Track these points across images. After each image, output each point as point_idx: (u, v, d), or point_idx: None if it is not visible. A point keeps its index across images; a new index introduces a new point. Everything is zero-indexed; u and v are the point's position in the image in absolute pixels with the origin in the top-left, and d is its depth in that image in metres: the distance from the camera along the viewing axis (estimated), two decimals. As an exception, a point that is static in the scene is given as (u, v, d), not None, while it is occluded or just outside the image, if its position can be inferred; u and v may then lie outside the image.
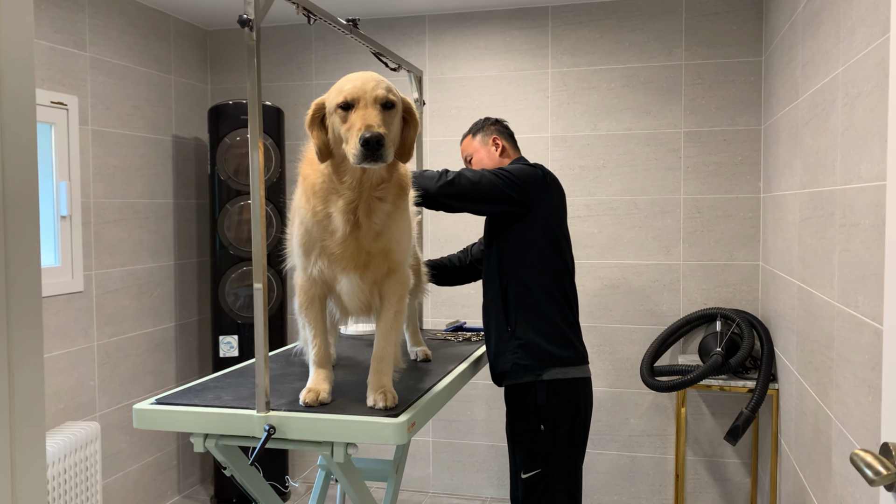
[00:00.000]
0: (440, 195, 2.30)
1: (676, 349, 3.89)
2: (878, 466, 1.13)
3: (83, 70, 3.53)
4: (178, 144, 4.23)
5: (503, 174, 2.37)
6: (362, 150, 1.64)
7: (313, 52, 4.35)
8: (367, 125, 1.66)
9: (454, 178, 2.31)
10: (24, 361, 0.62)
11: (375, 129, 1.65)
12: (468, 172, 2.34)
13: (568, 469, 2.42)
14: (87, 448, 3.21)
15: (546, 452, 2.40)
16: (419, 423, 1.85)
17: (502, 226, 2.47)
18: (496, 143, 2.66)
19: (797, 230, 2.80)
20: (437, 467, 4.26)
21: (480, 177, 2.33)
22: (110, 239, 3.70)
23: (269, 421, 1.76)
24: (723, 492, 3.88)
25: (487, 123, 2.71)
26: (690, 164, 3.85)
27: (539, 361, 2.41)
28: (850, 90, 2.08)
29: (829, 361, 2.29)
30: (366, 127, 1.66)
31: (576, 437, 2.44)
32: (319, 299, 1.93)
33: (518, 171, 2.41)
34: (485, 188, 2.32)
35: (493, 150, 2.65)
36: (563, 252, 2.48)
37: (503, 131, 2.71)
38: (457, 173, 2.33)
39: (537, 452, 2.40)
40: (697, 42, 3.82)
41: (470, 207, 2.39)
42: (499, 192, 2.34)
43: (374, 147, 1.64)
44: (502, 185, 2.35)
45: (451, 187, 2.30)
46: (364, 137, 1.64)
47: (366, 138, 1.64)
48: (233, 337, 4.05)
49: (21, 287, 0.63)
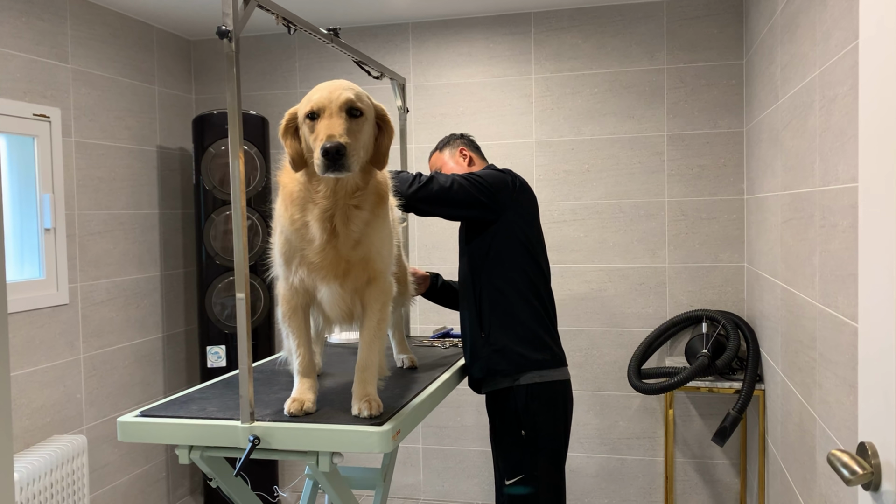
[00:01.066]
0: (413, 199, 2.32)
1: (663, 352, 3.91)
2: (854, 466, 1.14)
3: (66, 82, 3.52)
4: (162, 155, 4.22)
5: (474, 178, 2.40)
6: (324, 161, 1.64)
7: (297, 60, 4.35)
8: (329, 135, 1.66)
9: (426, 183, 2.33)
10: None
11: (336, 139, 1.64)
12: (441, 177, 2.36)
13: (551, 472, 2.42)
14: (74, 462, 3.20)
15: (529, 457, 2.40)
16: (405, 431, 1.85)
17: (475, 231, 2.49)
18: (464, 155, 2.73)
19: (779, 231, 2.82)
20: (427, 474, 4.26)
21: (452, 181, 2.36)
22: (95, 251, 3.69)
23: (254, 431, 1.76)
24: (712, 493, 3.89)
25: (454, 138, 2.78)
26: (674, 168, 3.88)
27: (515, 366, 2.42)
28: (826, 93, 2.10)
29: (812, 361, 2.30)
30: (327, 137, 1.65)
31: (557, 440, 2.45)
32: (302, 308, 1.92)
33: (488, 175, 2.44)
34: (456, 193, 2.35)
35: (462, 160, 2.72)
36: (536, 256, 2.50)
37: (470, 143, 2.78)
38: (429, 177, 2.35)
39: (520, 458, 2.41)
40: (679, 46, 3.85)
41: (441, 212, 2.40)
42: (469, 197, 2.37)
43: (334, 157, 1.63)
44: (473, 189, 2.37)
45: (423, 191, 2.32)
46: (324, 148, 1.63)
47: (326, 148, 1.63)
48: (220, 347, 4.04)
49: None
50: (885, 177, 1.13)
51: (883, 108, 1.14)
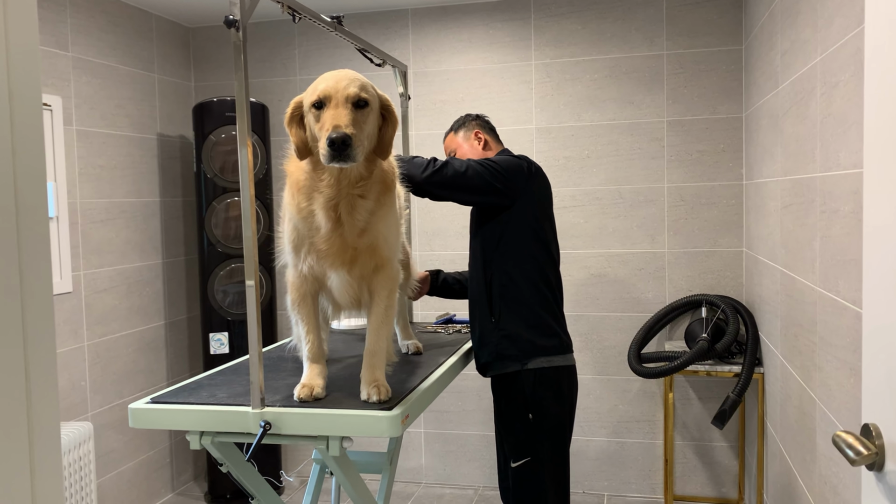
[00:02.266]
0: (426, 183, 2.32)
1: (663, 336, 3.94)
2: (859, 447, 1.17)
3: (66, 70, 3.52)
4: (163, 143, 4.22)
5: (489, 164, 2.39)
6: (329, 151, 1.66)
7: (297, 47, 4.35)
8: (335, 125, 1.67)
9: (441, 167, 2.32)
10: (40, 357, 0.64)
11: (342, 130, 1.66)
12: (455, 162, 2.36)
13: (556, 456, 2.46)
14: (80, 448, 3.23)
15: (534, 441, 2.43)
16: (413, 416, 1.87)
17: (487, 217, 2.49)
18: (478, 138, 2.69)
19: (779, 217, 2.85)
20: (429, 458, 4.30)
21: (467, 167, 2.35)
22: (98, 239, 3.70)
23: (265, 417, 1.78)
24: (711, 475, 3.94)
25: (469, 119, 2.74)
26: (673, 153, 3.90)
27: (523, 352, 2.44)
28: (828, 79, 2.12)
29: (812, 345, 2.34)
30: (333, 127, 1.67)
31: (562, 425, 2.48)
32: (311, 296, 1.95)
33: (504, 161, 2.43)
34: (470, 178, 2.34)
35: (476, 143, 2.68)
36: (547, 243, 2.51)
37: (485, 126, 2.74)
38: (444, 162, 2.34)
39: (526, 441, 2.44)
40: (678, 32, 3.85)
41: (455, 197, 2.40)
42: (484, 183, 2.36)
43: (339, 147, 1.65)
44: (488, 175, 2.37)
45: (437, 176, 2.31)
46: (330, 138, 1.65)
47: (332, 139, 1.65)
48: (223, 334, 4.06)
49: (34, 288, 0.65)
50: (891, 162, 1.15)
51: (889, 95, 1.16)
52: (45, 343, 0.66)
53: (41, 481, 0.65)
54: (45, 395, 0.66)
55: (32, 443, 0.65)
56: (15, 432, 0.63)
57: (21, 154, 0.66)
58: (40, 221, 0.67)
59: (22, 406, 0.63)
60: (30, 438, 0.65)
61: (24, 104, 0.67)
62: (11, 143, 0.65)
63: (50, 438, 0.67)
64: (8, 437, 0.62)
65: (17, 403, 0.63)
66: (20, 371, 0.63)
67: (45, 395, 0.66)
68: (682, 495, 3.97)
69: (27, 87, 0.67)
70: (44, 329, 0.66)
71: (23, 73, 0.66)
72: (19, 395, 0.63)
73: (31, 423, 0.65)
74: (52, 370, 0.65)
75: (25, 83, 0.67)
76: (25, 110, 0.67)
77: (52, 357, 0.65)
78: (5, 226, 0.63)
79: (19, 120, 0.66)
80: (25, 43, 0.67)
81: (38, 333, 0.65)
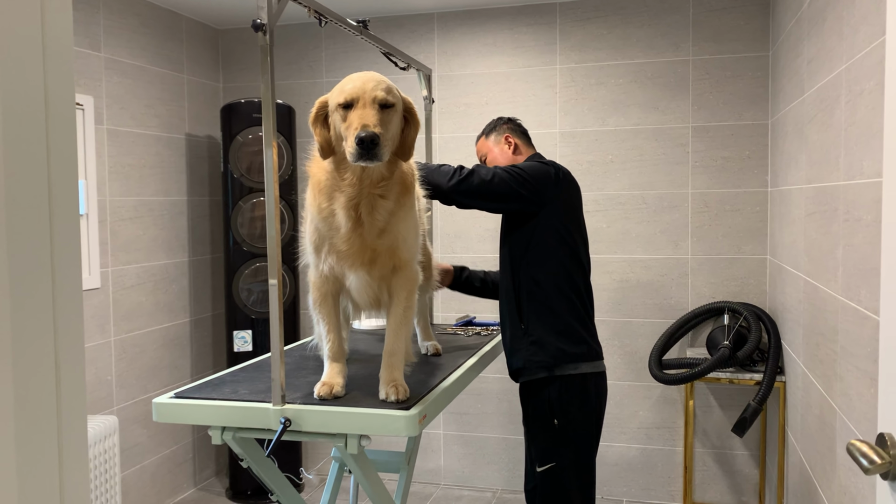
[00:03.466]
0: (453, 192, 2.33)
1: (685, 342, 3.93)
2: (873, 456, 1.17)
3: (98, 71, 3.60)
4: (191, 143, 4.29)
5: (515, 172, 2.39)
6: (358, 149, 1.70)
7: (323, 49, 4.40)
8: (364, 125, 1.71)
9: (467, 176, 2.32)
10: (69, 349, 0.67)
11: (371, 129, 1.70)
12: (482, 170, 2.35)
13: (581, 462, 2.46)
14: (105, 441, 3.29)
15: (559, 446, 2.44)
16: (430, 416, 1.89)
17: (515, 224, 2.50)
18: (509, 142, 2.68)
19: (803, 224, 2.83)
20: (448, 459, 4.32)
21: (493, 175, 2.35)
22: (126, 236, 3.77)
23: (285, 414, 1.81)
24: (731, 483, 3.92)
25: (500, 123, 2.73)
26: (698, 159, 3.88)
27: (552, 358, 2.44)
28: (853, 87, 2.11)
29: (834, 354, 2.32)
30: (362, 126, 1.71)
31: (588, 431, 2.48)
32: (332, 295, 1.98)
33: (531, 168, 2.42)
34: (496, 186, 2.34)
35: (506, 148, 2.67)
36: (576, 249, 2.49)
37: (516, 129, 2.73)
38: (470, 170, 2.34)
39: (551, 446, 2.45)
40: (704, 37, 3.84)
41: (481, 205, 2.40)
42: (510, 190, 2.36)
43: (368, 146, 1.69)
44: (514, 182, 2.36)
45: (463, 185, 2.31)
46: (359, 137, 1.69)
47: (361, 137, 1.69)
48: (247, 332, 4.11)
49: (65, 282, 0.68)
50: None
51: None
52: (74, 337, 0.69)
53: (69, 471, 0.69)
54: (74, 388, 0.69)
55: (61, 433, 0.68)
56: (45, 423, 0.66)
57: (55, 153, 0.69)
58: (72, 219, 0.70)
59: (52, 397, 0.66)
60: (59, 429, 0.68)
61: (58, 105, 0.70)
62: (46, 143, 0.68)
63: (78, 429, 0.70)
64: (39, 427, 0.65)
65: (48, 395, 0.66)
66: (51, 364, 0.66)
67: (73, 387, 0.69)
68: (702, 502, 3.95)
69: (62, 89, 0.70)
70: (73, 323, 0.69)
71: (58, 74, 0.70)
72: (50, 387, 0.66)
73: (60, 414, 0.68)
74: (80, 363, 0.68)
75: (60, 84, 0.70)
76: (60, 111, 0.70)
77: (80, 350, 0.68)
78: (39, 222, 0.67)
79: (54, 120, 0.69)
80: (61, 46, 0.70)
81: (68, 327, 0.68)
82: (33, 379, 0.65)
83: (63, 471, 0.68)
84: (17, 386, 0.63)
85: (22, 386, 0.63)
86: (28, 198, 0.65)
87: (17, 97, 0.64)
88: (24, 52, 0.66)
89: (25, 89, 0.65)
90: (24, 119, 0.65)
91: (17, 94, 0.64)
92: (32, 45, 0.67)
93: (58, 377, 0.66)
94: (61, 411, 0.66)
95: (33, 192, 0.66)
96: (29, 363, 0.64)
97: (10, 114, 0.64)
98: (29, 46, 0.66)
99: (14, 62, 0.64)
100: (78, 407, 0.70)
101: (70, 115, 0.71)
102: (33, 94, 0.67)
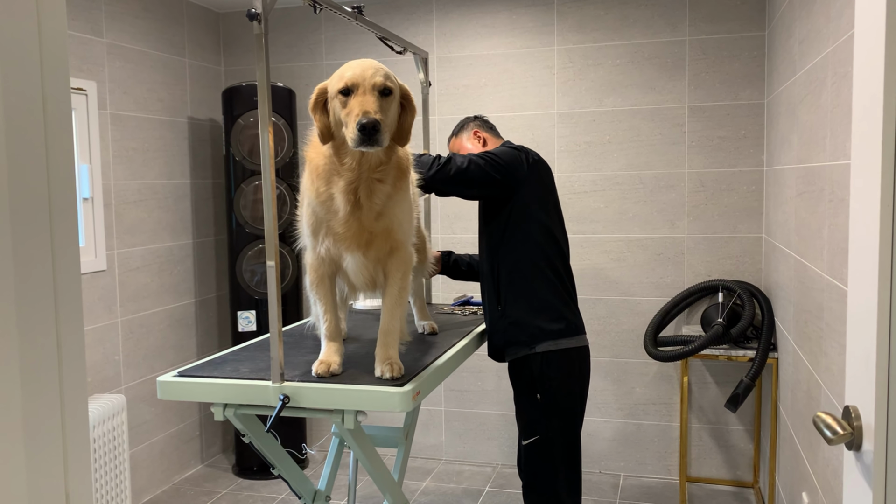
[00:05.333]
0: (432, 181, 2.43)
1: (681, 320, 3.99)
2: (836, 427, 1.23)
3: (100, 56, 3.64)
4: (193, 126, 4.34)
5: (488, 157, 2.50)
6: (359, 135, 1.75)
7: (323, 32, 4.43)
8: (365, 111, 1.76)
9: (444, 165, 2.43)
10: (70, 330, 0.74)
11: (372, 115, 1.75)
12: (458, 158, 2.46)
13: (566, 435, 2.54)
14: (114, 419, 3.38)
15: (543, 420, 2.52)
16: (424, 392, 1.96)
17: (492, 209, 2.59)
18: (478, 137, 2.81)
19: (794, 204, 2.87)
20: (449, 435, 4.41)
21: (469, 161, 2.45)
22: (131, 219, 3.84)
23: (284, 391, 1.88)
24: (726, 458, 3.99)
25: (468, 121, 2.87)
26: (695, 139, 3.92)
27: (530, 337, 2.53)
28: (838, 69, 2.15)
29: (819, 331, 2.38)
30: (363, 113, 1.76)
31: (572, 404, 2.56)
32: (328, 277, 2.04)
33: (503, 153, 2.53)
34: (472, 172, 2.44)
35: (477, 142, 2.80)
36: (551, 229, 2.59)
37: (483, 124, 2.86)
38: (447, 159, 2.45)
39: (535, 420, 2.53)
40: (701, 17, 3.86)
41: (460, 192, 2.52)
42: (485, 175, 2.46)
43: (370, 132, 1.74)
44: (488, 168, 2.46)
45: (441, 173, 2.42)
46: (361, 123, 1.74)
47: (362, 124, 1.74)
48: (250, 312, 4.19)
49: (64, 265, 0.74)
50: (870, 154, 1.20)
51: (871, 94, 1.21)
52: (74, 316, 0.75)
53: (72, 447, 0.75)
54: (75, 366, 0.76)
55: (64, 410, 0.74)
56: (48, 399, 0.73)
57: (52, 137, 0.75)
58: (69, 201, 0.76)
59: (55, 374, 0.73)
60: (62, 405, 0.74)
61: (54, 90, 0.75)
62: (44, 129, 0.74)
63: (79, 405, 0.76)
64: (42, 403, 0.72)
65: (51, 372, 0.73)
66: (52, 342, 0.72)
67: (74, 365, 0.75)
68: (698, 477, 4.03)
69: (57, 73, 0.76)
70: (73, 302, 0.75)
71: (53, 59, 0.75)
72: (52, 364, 0.72)
73: (62, 391, 0.74)
74: (80, 342, 0.74)
75: (55, 69, 0.76)
76: (56, 96, 0.76)
77: (79, 329, 0.75)
78: (39, 205, 0.73)
79: (51, 105, 0.75)
80: (55, 31, 0.76)
81: (68, 307, 0.74)
82: (37, 358, 0.71)
83: (67, 446, 0.74)
84: (22, 360, 0.69)
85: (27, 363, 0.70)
86: (28, 183, 0.71)
87: (15, 85, 0.70)
88: (21, 41, 0.71)
89: (23, 77, 0.71)
90: (21, 106, 0.71)
91: (14, 81, 0.70)
92: (29, 33, 0.72)
93: (60, 355, 0.72)
94: (64, 388, 0.73)
95: (33, 177, 0.72)
96: (32, 341, 0.70)
97: (9, 100, 0.70)
98: (26, 35, 0.72)
99: (11, 52, 0.70)
100: (78, 384, 0.76)
101: (65, 102, 0.77)
102: (30, 81, 0.72)
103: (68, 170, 0.78)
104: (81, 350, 0.74)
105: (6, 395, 0.68)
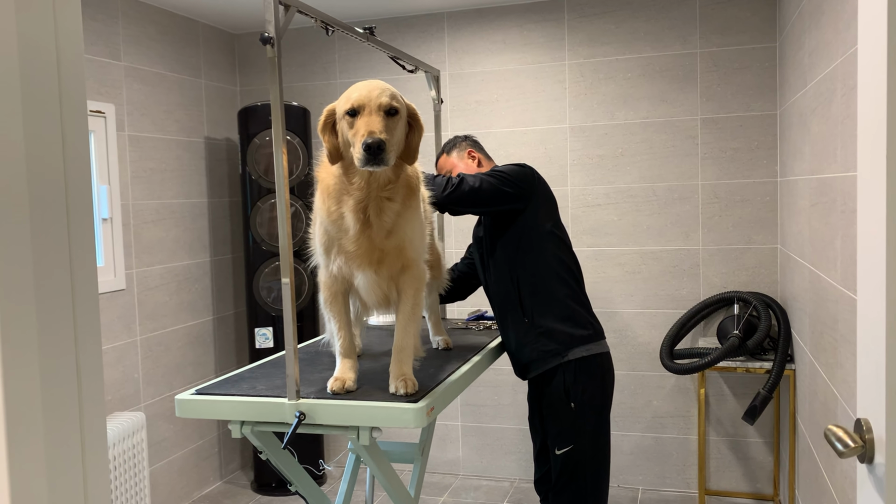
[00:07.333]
0: (447, 201, 2.46)
1: (697, 332, 3.97)
2: (847, 440, 1.23)
3: (118, 79, 3.71)
4: (209, 146, 4.41)
5: (499, 174, 2.53)
6: (365, 155, 1.78)
7: (336, 51, 4.48)
8: (370, 131, 1.79)
9: (458, 185, 2.46)
10: (88, 350, 0.76)
11: (377, 136, 1.78)
12: (469, 178, 2.48)
13: (598, 443, 2.58)
14: (134, 437, 3.42)
15: (577, 428, 2.54)
16: (438, 408, 1.98)
17: (502, 224, 2.62)
18: (472, 156, 2.84)
19: (807, 215, 2.87)
20: (466, 451, 4.41)
21: (480, 181, 2.48)
22: (149, 238, 3.89)
23: (300, 408, 1.91)
24: (746, 471, 3.96)
25: (460, 140, 2.89)
26: (707, 151, 3.92)
27: (562, 344, 2.54)
28: (847, 81, 2.15)
29: (835, 342, 2.37)
30: (368, 133, 1.79)
31: (604, 411, 2.60)
32: (342, 294, 2.07)
33: (509, 169, 2.58)
34: (485, 191, 2.48)
35: (471, 162, 2.82)
36: (562, 237, 2.65)
37: (475, 144, 2.89)
38: (459, 180, 2.47)
39: (570, 429, 2.55)
40: (712, 30, 3.87)
41: (474, 210, 2.57)
42: (498, 191, 2.50)
43: (375, 152, 1.77)
44: (499, 184, 2.50)
45: (455, 193, 2.45)
46: (366, 143, 1.77)
47: (367, 144, 1.77)
48: (268, 329, 4.23)
49: (82, 283, 0.77)
50: (876, 166, 1.21)
51: (875, 107, 1.22)
52: (92, 336, 0.78)
53: (91, 466, 0.78)
54: (93, 384, 0.78)
55: (83, 427, 0.77)
56: (69, 416, 0.75)
57: (70, 159, 0.78)
58: (87, 221, 0.79)
59: (74, 392, 0.75)
60: (81, 423, 0.77)
61: (72, 113, 0.78)
62: (62, 150, 0.77)
63: (98, 423, 0.79)
64: (63, 421, 0.74)
65: (70, 391, 0.75)
66: (71, 361, 0.75)
67: (93, 383, 0.78)
68: (717, 490, 4.00)
69: (75, 96, 0.79)
70: (91, 322, 0.78)
71: (71, 82, 0.78)
72: (72, 382, 0.75)
73: (82, 408, 0.77)
74: (98, 359, 0.77)
75: (73, 92, 0.78)
76: (73, 118, 0.79)
77: (97, 348, 0.77)
78: (58, 226, 0.75)
79: (69, 127, 0.78)
80: (72, 56, 0.79)
81: (86, 326, 0.77)
82: (57, 376, 0.74)
83: (86, 461, 0.77)
84: (42, 379, 0.72)
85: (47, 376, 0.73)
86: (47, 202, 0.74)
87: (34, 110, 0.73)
88: (40, 66, 0.74)
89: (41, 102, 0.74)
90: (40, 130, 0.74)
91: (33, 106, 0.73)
92: (48, 60, 0.75)
93: (79, 373, 0.75)
94: (83, 405, 0.75)
95: (52, 199, 0.75)
96: (52, 360, 0.73)
97: (29, 128, 0.72)
98: (44, 60, 0.75)
99: (30, 77, 0.73)
100: (97, 402, 0.79)
101: (83, 123, 0.80)
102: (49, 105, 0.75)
103: (85, 191, 0.80)
104: (99, 369, 0.76)
105: (26, 413, 0.71)
